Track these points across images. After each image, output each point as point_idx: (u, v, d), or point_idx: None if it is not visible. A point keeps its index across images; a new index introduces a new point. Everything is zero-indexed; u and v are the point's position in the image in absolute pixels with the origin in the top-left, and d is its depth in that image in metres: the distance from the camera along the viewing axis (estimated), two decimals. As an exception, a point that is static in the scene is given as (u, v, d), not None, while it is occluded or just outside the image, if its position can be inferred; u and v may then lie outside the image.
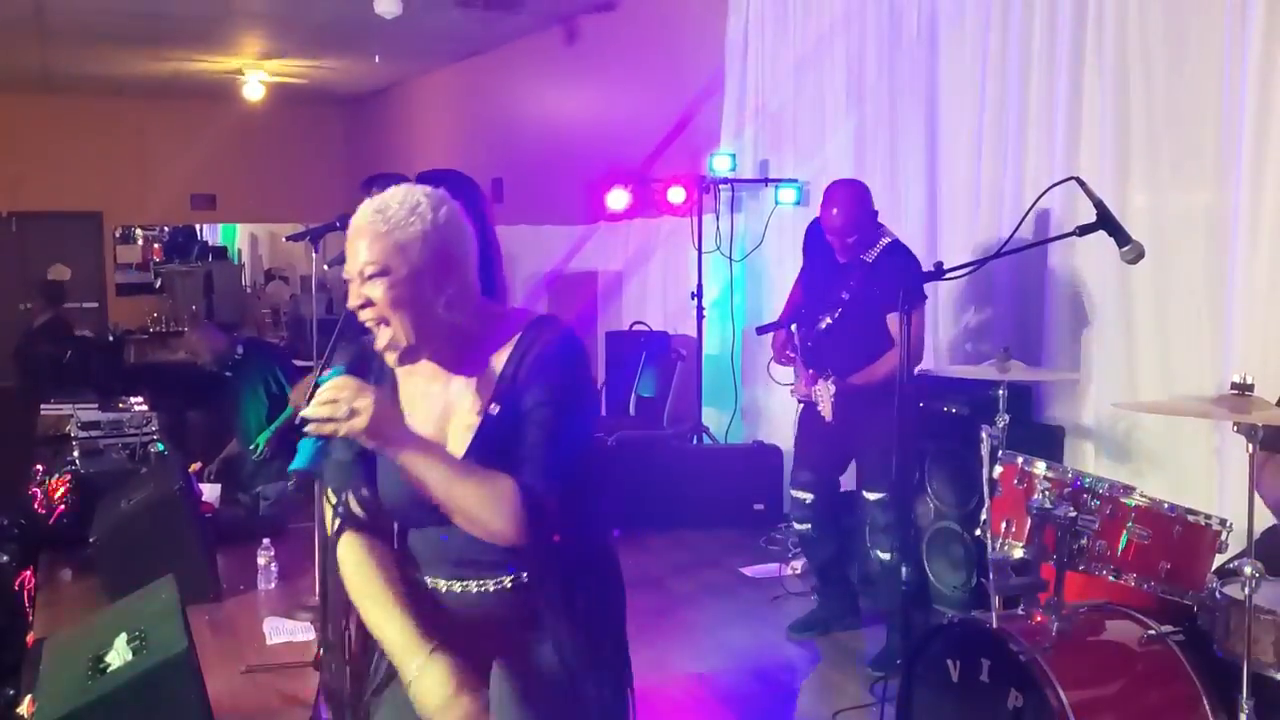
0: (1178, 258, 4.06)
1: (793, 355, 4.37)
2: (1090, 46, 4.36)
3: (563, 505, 1.87)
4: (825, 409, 4.12)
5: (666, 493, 5.86)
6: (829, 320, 4.25)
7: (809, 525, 4.40)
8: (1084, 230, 3.02)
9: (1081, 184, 3.07)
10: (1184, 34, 4.02)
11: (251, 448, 6.02)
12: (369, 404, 1.78)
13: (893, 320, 4.03)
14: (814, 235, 4.39)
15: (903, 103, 5.33)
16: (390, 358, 1.91)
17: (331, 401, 1.78)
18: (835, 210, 4.17)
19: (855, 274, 4.19)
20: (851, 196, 4.17)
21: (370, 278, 1.85)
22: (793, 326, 4.40)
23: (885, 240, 4.20)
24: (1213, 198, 3.95)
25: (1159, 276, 4.09)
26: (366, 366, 1.99)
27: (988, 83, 4.82)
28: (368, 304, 1.86)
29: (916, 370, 3.88)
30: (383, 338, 1.88)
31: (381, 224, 1.87)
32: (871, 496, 4.21)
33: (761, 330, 4.51)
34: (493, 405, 1.90)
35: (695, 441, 6.41)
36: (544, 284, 8.61)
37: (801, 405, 4.45)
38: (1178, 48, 4.04)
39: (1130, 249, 2.96)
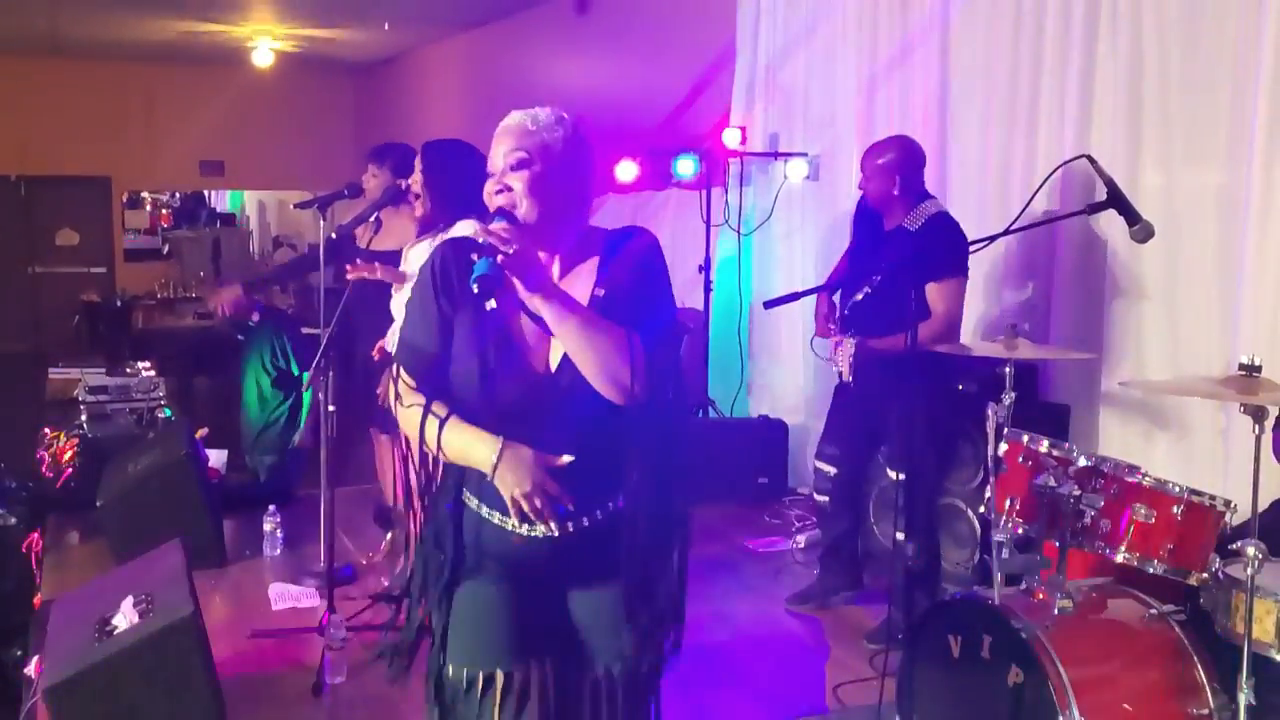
0: (1188, 238, 4.04)
1: (834, 328, 4.30)
2: (1105, 23, 4.32)
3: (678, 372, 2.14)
4: (844, 367, 4.10)
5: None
6: (868, 290, 4.15)
7: (829, 499, 4.40)
8: (1094, 208, 3.01)
9: (1092, 162, 3.06)
10: (1199, 12, 3.99)
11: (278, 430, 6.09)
12: (521, 245, 2.00)
13: (933, 290, 3.95)
14: (863, 205, 4.32)
15: (914, 77, 5.30)
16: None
17: (497, 236, 2.00)
18: (864, 176, 4.15)
19: (898, 242, 4.10)
20: (879, 162, 4.10)
21: (514, 167, 2.09)
22: (835, 296, 4.35)
23: (932, 210, 4.08)
24: (1225, 178, 3.93)
25: (1169, 256, 4.07)
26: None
27: (1000, 58, 4.79)
28: (506, 188, 2.09)
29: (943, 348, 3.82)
30: (512, 220, 2.08)
31: (530, 124, 2.12)
32: (894, 475, 4.18)
33: (769, 304, 4.47)
34: (598, 289, 2.12)
35: (701, 415, 6.42)
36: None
37: (838, 380, 4.41)
38: (1193, 26, 4.01)
39: (1140, 228, 2.95)
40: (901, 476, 4.14)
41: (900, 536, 4.17)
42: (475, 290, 1.96)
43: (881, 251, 4.17)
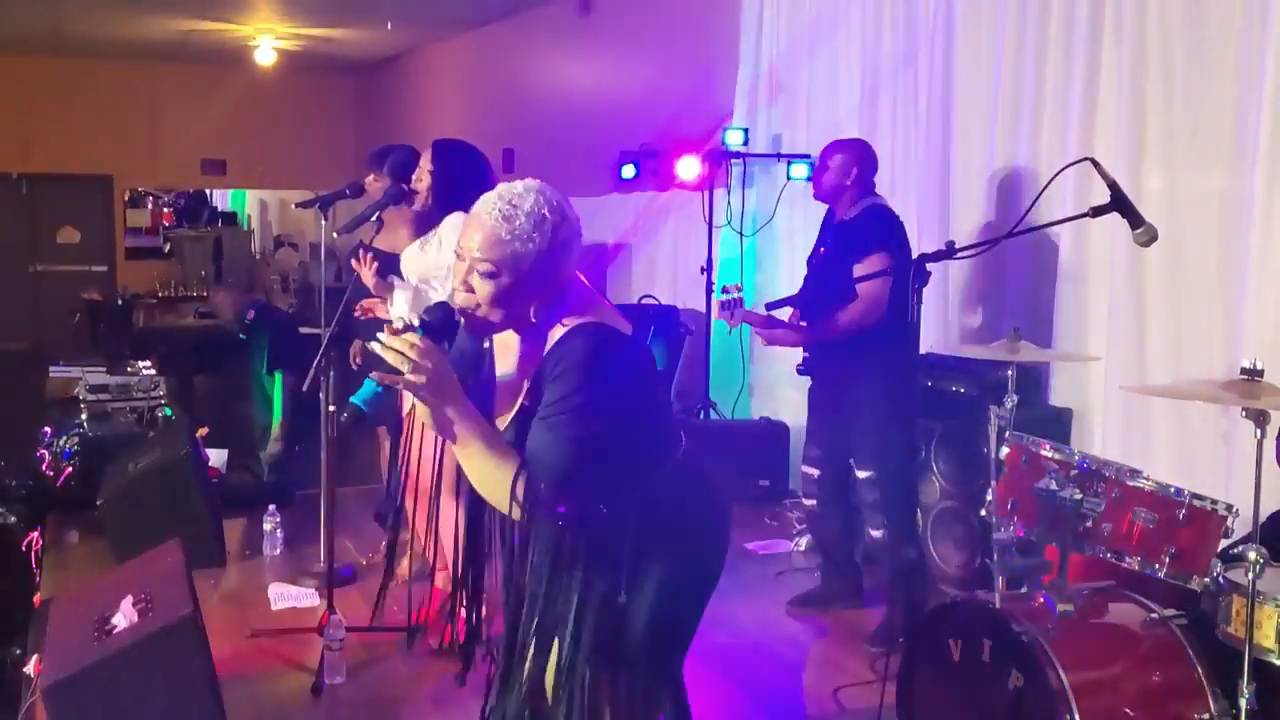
0: (1191, 241, 4.04)
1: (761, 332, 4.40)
2: (1108, 27, 4.32)
3: (573, 495, 2.04)
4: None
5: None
6: (802, 283, 4.34)
7: (816, 501, 4.42)
8: (1097, 211, 3.00)
9: (1096, 165, 3.05)
10: (1203, 16, 3.99)
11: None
12: (433, 368, 1.93)
13: (858, 271, 4.03)
14: (828, 213, 4.43)
15: (918, 80, 5.30)
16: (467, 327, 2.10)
17: (402, 355, 1.93)
18: (820, 166, 4.32)
19: (837, 231, 4.25)
20: (838, 156, 4.25)
21: (481, 274, 2.01)
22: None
23: (871, 203, 4.22)
24: (1228, 181, 3.92)
25: (1172, 259, 4.07)
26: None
27: (1004, 61, 4.79)
28: (469, 289, 2.02)
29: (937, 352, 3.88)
30: (471, 318, 2.05)
31: (505, 231, 2.00)
32: (861, 474, 4.21)
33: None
34: (525, 400, 2.08)
35: (702, 417, 6.41)
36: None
37: (811, 383, 4.46)
38: (1197, 29, 4.01)
39: (1143, 231, 2.94)
40: (865, 474, 4.17)
41: (877, 534, 4.20)
42: (343, 419, 1.96)
43: (824, 245, 4.33)
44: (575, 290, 2.12)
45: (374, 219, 4.39)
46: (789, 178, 6.09)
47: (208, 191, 14.78)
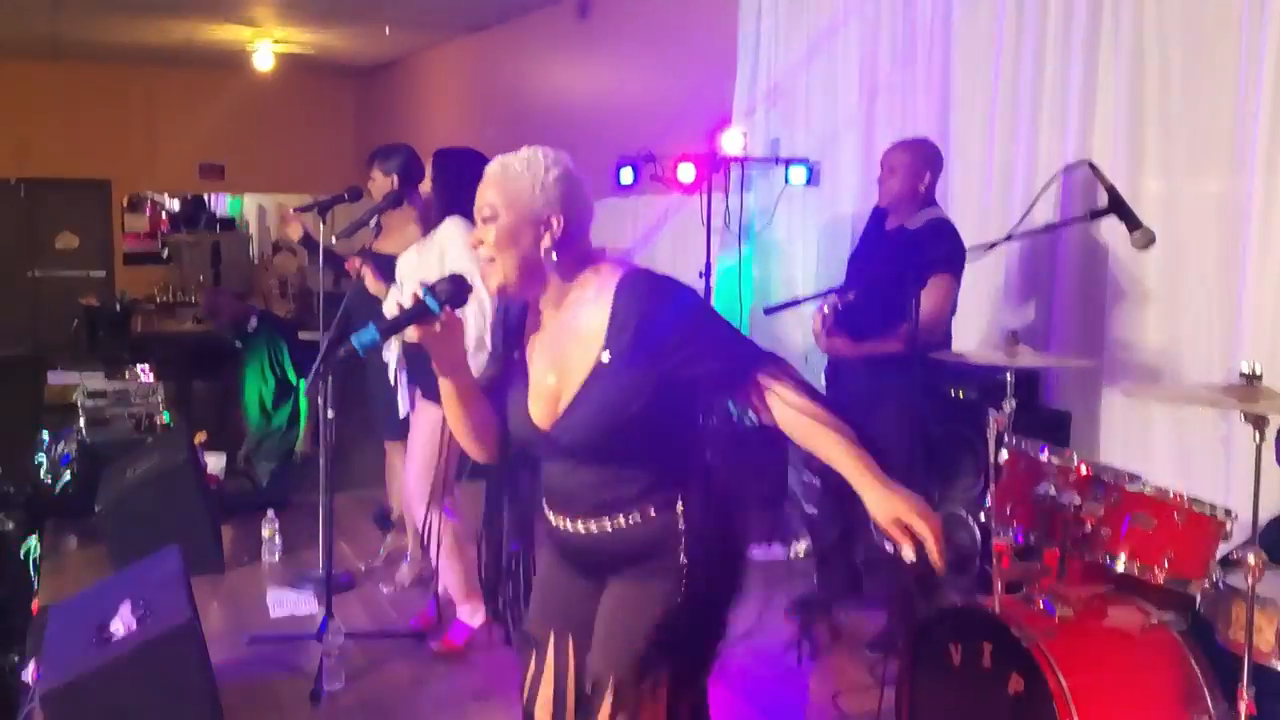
0: (1190, 245, 4.03)
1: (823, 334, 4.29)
2: (1106, 29, 4.32)
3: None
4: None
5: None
6: (852, 296, 4.19)
7: (817, 510, 4.41)
8: (1095, 215, 3.00)
9: (1093, 168, 3.05)
10: (1201, 18, 3.99)
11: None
12: (452, 324, 2.10)
13: (924, 294, 3.93)
14: (876, 212, 4.36)
15: (915, 83, 5.29)
16: (493, 287, 2.15)
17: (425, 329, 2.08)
18: (889, 170, 4.18)
19: (894, 241, 4.14)
20: (900, 160, 4.16)
21: (485, 220, 2.12)
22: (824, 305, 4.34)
23: (935, 214, 4.13)
24: (1227, 185, 3.92)
25: (1170, 263, 4.06)
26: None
27: (1001, 64, 4.78)
28: (481, 242, 2.12)
29: (935, 354, 3.82)
30: (491, 276, 2.13)
31: (500, 175, 2.14)
32: None
33: (769, 310, 4.47)
34: (604, 353, 2.08)
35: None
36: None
37: (826, 390, 4.43)
38: (1194, 32, 4.01)
39: (1141, 234, 2.94)
40: None
41: (891, 548, 4.15)
42: (341, 353, 2.05)
43: (880, 251, 4.20)
44: (595, 251, 2.19)
45: (373, 224, 4.39)
46: (787, 181, 6.09)
47: (206, 196, 14.77)
